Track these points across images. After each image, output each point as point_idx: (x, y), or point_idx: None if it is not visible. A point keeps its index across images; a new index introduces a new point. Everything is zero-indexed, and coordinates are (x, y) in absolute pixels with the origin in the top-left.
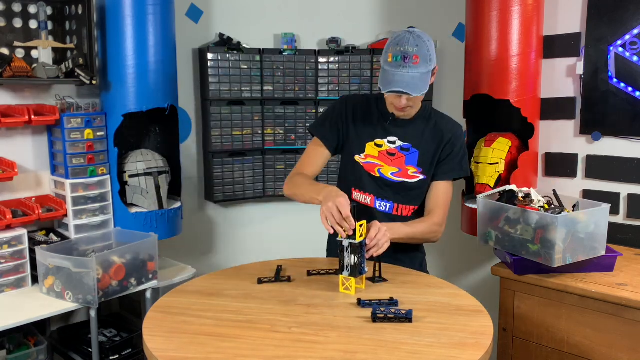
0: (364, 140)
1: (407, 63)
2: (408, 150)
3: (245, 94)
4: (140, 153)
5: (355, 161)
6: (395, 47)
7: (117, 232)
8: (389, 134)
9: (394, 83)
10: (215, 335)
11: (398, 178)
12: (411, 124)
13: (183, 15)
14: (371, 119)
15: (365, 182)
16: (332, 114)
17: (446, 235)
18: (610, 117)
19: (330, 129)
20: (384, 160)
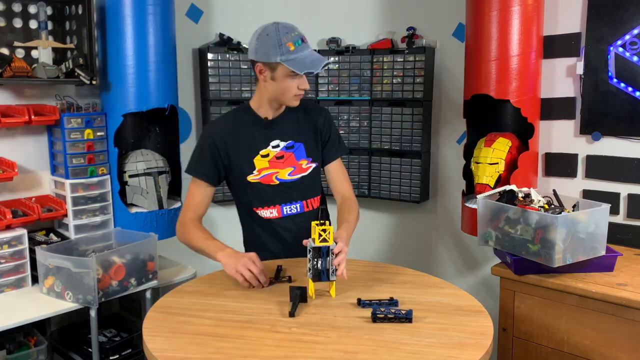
0: (249, 158)
1: (306, 43)
2: (293, 147)
3: (245, 94)
4: (140, 153)
5: (250, 182)
6: (287, 35)
7: (117, 232)
8: (269, 139)
9: (316, 61)
10: (215, 335)
11: (296, 176)
12: (284, 121)
13: (183, 15)
14: (246, 134)
15: (268, 196)
16: (203, 151)
17: (446, 235)
18: (610, 117)
19: (208, 166)
20: (276, 166)
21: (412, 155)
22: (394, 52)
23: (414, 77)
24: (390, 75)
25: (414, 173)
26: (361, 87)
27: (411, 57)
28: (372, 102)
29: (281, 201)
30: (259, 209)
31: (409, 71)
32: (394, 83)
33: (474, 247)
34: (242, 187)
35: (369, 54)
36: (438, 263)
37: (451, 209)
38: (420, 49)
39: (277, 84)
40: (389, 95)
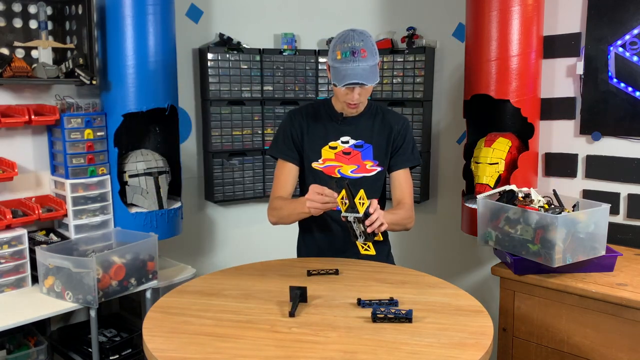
0: (318, 146)
1: (356, 57)
2: (362, 146)
3: (245, 94)
4: (140, 153)
5: (314, 169)
6: (342, 44)
7: (117, 232)
8: (341, 134)
9: (348, 76)
10: (215, 335)
11: (358, 174)
12: (360, 121)
13: (183, 15)
14: (321, 124)
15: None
16: (283, 131)
17: (446, 235)
18: (610, 117)
19: (288, 146)
20: (341, 160)
21: None
22: (394, 52)
23: (414, 77)
24: (390, 75)
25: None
26: None
27: (411, 57)
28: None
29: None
30: None
31: (409, 71)
32: (394, 83)
33: (474, 247)
34: (306, 172)
35: None
36: (438, 263)
37: (451, 209)
38: (420, 49)
39: (333, 86)
40: (389, 95)
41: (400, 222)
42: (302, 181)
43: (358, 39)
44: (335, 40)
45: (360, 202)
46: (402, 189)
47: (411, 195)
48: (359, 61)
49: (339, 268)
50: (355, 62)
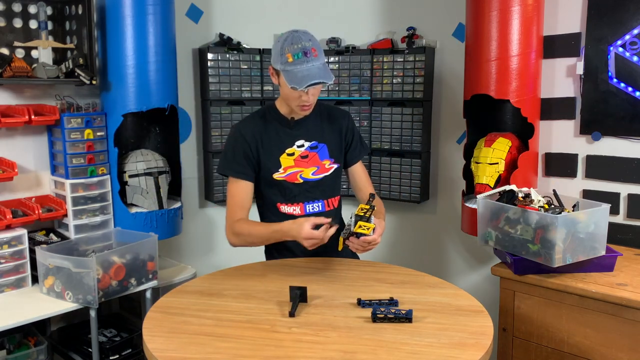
0: (275, 156)
1: (309, 57)
2: (317, 147)
3: (245, 94)
4: (140, 153)
5: (276, 180)
6: (291, 46)
7: (117, 232)
8: (295, 138)
9: (307, 77)
10: (215, 335)
11: (319, 175)
12: (309, 122)
13: (183, 15)
14: (273, 133)
15: (293, 193)
16: (233, 148)
17: (446, 235)
18: (610, 117)
19: (239, 163)
20: (300, 165)
21: (412, 155)
22: (394, 52)
23: (414, 77)
24: (390, 75)
25: (414, 173)
26: (361, 87)
27: (411, 57)
28: (372, 102)
29: (304, 199)
30: (283, 204)
31: (409, 71)
32: (394, 83)
33: (474, 247)
34: (268, 184)
35: (369, 54)
36: (438, 263)
37: (451, 209)
38: (420, 49)
39: (283, 90)
40: (389, 95)
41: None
42: (260, 194)
43: (305, 38)
44: (280, 43)
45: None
46: (364, 182)
47: (371, 183)
48: (313, 60)
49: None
50: (309, 62)
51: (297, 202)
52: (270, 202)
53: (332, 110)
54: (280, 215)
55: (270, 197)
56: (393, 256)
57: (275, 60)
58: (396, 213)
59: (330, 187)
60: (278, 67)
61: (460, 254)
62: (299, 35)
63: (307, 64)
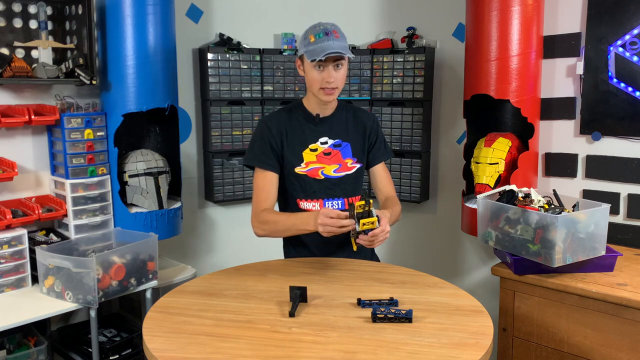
0: (299, 150)
1: (330, 37)
2: (340, 145)
3: (245, 94)
4: (140, 153)
5: (297, 174)
6: (314, 28)
7: (117, 232)
8: (319, 135)
9: (327, 49)
10: (215, 335)
11: (341, 173)
12: (334, 120)
13: (183, 15)
14: (298, 128)
15: (313, 189)
16: (260, 140)
17: (446, 235)
18: (610, 117)
19: (267, 155)
20: (323, 161)
21: (412, 155)
22: (394, 52)
23: (414, 77)
24: (390, 75)
25: (414, 173)
26: (361, 87)
27: (411, 57)
28: (372, 102)
29: (324, 196)
30: (303, 200)
31: (409, 71)
32: (394, 83)
33: (474, 247)
34: (289, 178)
35: (369, 54)
36: (438, 263)
37: (451, 209)
38: (420, 49)
39: (307, 77)
40: (389, 95)
41: (397, 219)
42: (283, 187)
43: (329, 24)
44: (305, 32)
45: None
46: (385, 183)
47: (393, 187)
48: (334, 40)
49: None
50: (330, 40)
51: (317, 199)
52: (291, 197)
53: (358, 111)
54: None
55: (291, 193)
56: (393, 256)
57: (300, 47)
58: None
59: (351, 186)
60: (302, 51)
61: (460, 254)
62: (323, 23)
63: (327, 42)
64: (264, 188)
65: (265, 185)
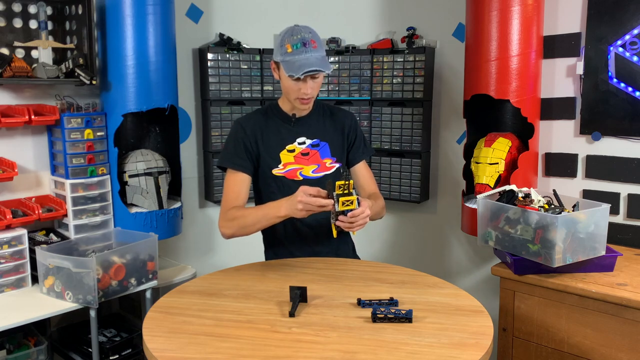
0: (276, 151)
1: (308, 48)
2: (318, 145)
3: (245, 94)
4: (140, 153)
5: (275, 175)
6: (291, 37)
7: (117, 232)
8: (296, 135)
9: (305, 65)
10: (215, 335)
11: (319, 173)
12: (311, 120)
13: (183, 15)
14: (274, 129)
15: (291, 190)
16: (235, 141)
17: (446, 235)
18: (610, 117)
19: (240, 156)
20: (301, 162)
21: (412, 155)
22: (394, 52)
23: (414, 77)
24: (390, 75)
25: (414, 173)
26: (361, 87)
27: (411, 57)
28: (372, 102)
29: None
30: None
31: (409, 71)
32: (394, 83)
33: (474, 247)
34: (267, 180)
35: (369, 54)
36: (438, 263)
37: (451, 209)
38: (420, 49)
39: (283, 84)
40: (389, 95)
41: (379, 212)
42: (259, 189)
43: (305, 31)
44: (281, 36)
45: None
46: (368, 181)
47: (376, 184)
48: (311, 51)
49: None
50: (308, 53)
51: None
52: (268, 198)
53: (335, 110)
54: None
55: (268, 195)
56: (393, 256)
57: (276, 53)
58: (396, 213)
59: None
60: (278, 58)
61: (460, 254)
62: (299, 28)
63: (305, 54)
64: (233, 188)
65: (235, 185)
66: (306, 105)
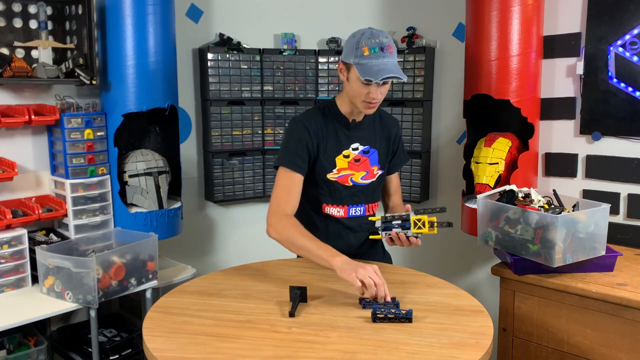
0: (333, 156)
1: (385, 53)
2: (368, 152)
3: (245, 94)
4: (140, 153)
5: (328, 180)
6: (369, 40)
7: (117, 232)
8: (351, 141)
9: (383, 71)
10: (215, 335)
11: (367, 180)
12: (365, 126)
13: (183, 15)
14: (333, 133)
15: (341, 195)
16: (299, 141)
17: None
18: (610, 117)
19: (301, 157)
20: (353, 168)
21: (412, 155)
22: None
23: (414, 77)
24: None
25: (414, 173)
26: None
27: (411, 57)
28: None
29: (350, 202)
30: (329, 205)
31: (409, 71)
32: (394, 83)
33: (474, 247)
34: (319, 183)
35: None
36: (438, 263)
37: (451, 209)
38: (420, 49)
39: (351, 86)
40: (389, 95)
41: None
42: (308, 190)
43: (383, 35)
44: (356, 38)
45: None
46: (397, 191)
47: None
48: (389, 57)
49: None
50: (386, 58)
51: (343, 205)
52: (316, 201)
53: (384, 115)
54: (323, 216)
55: (317, 197)
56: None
57: (349, 54)
58: None
59: (373, 192)
60: (351, 60)
61: (460, 254)
62: (377, 32)
63: (383, 59)
64: (289, 189)
65: (292, 186)
66: (371, 110)
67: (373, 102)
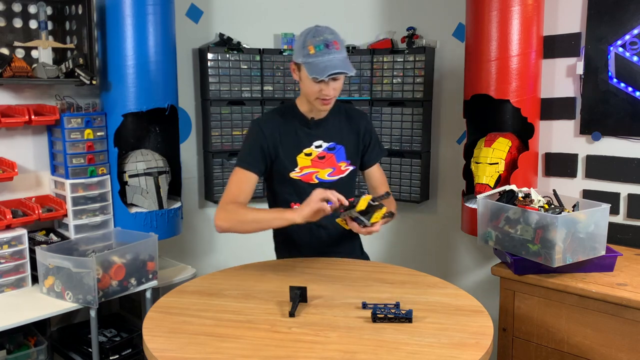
0: (293, 155)
1: (331, 49)
2: (334, 148)
3: (245, 94)
4: (140, 153)
5: (292, 179)
6: (313, 38)
7: (117, 232)
8: (313, 139)
9: (329, 67)
10: (215, 335)
11: (334, 177)
12: (328, 123)
13: (183, 15)
14: (292, 132)
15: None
16: (253, 142)
17: (446, 235)
18: (610, 117)
19: (254, 157)
20: (317, 165)
21: (412, 155)
22: (394, 52)
23: (414, 77)
24: (390, 75)
25: (414, 173)
26: (361, 87)
27: (411, 57)
28: (372, 102)
29: None
30: (297, 204)
31: (409, 71)
32: (394, 83)
33: (474, 247)
34: (283, 182)
35: (369, 54)
36: (438, 263)
37: (451, 209)
38: (420, 49)
39: (304, 85)
40: (389, 95)
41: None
42: (273, 192)
43: (328, 32)
44: (302, 37)
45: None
46: (381, 183)
47: (388, 185)
48: (334, 53)
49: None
50: (331, 54)
51: None
52: (284, 200)
53: (351, 110)
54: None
55: (284, 196)
56: (393, 256)
57: (297, 54)
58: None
59: (345, 189)
60: (300, 60)
61: (460, 254)
62: (321, 29)
63: (328, 56)
64: (239, 186)
65: (241, 182)
66: (327, 107)
67: (327, 98)
